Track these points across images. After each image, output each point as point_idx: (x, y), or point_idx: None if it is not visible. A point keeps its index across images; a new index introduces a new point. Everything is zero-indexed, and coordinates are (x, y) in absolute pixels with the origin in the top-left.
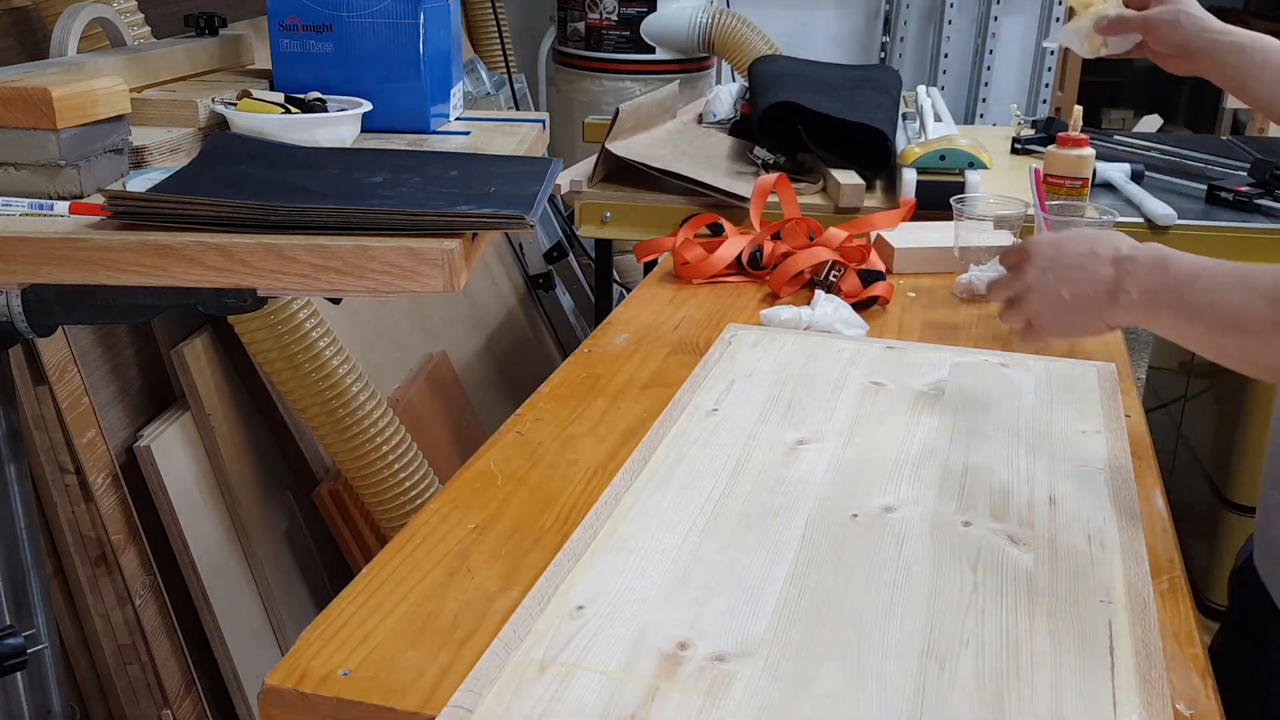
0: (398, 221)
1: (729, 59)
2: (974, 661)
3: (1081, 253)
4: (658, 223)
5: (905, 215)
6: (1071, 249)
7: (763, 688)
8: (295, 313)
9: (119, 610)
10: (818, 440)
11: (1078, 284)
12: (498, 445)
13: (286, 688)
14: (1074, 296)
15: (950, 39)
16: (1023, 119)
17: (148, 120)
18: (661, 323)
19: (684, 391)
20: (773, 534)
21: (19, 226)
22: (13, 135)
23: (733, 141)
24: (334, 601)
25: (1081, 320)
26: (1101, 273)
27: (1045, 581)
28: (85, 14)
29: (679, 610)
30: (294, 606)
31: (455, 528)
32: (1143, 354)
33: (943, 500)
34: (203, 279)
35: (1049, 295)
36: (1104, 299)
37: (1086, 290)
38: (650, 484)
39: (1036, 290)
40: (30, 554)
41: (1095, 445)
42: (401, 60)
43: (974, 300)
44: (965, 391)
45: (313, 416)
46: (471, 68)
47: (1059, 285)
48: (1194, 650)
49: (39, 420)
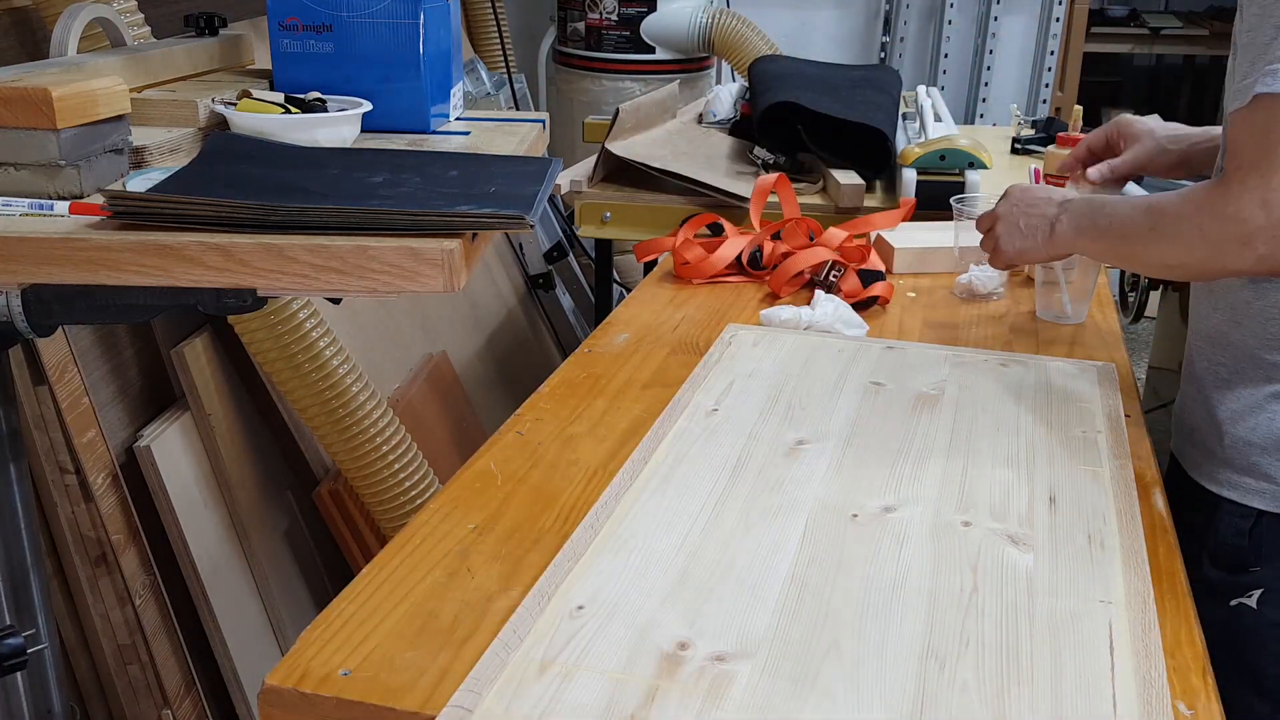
0: (398, 221)
1: (729, 59)
2: (974, 661)
3: (1039, 196)
4: (658, 223)
5: (905, 215)
6: (1033, 193)
7: (763, 688)
8: (295, 313)
9: (119, 610)
10: (818, 440)
11: (1031, 216)
12: (498, 445)
13: (286, 688)
14: (1027, 226)
15: (950, 39)
16: (1023, 119)
17: (148, 120)
18: (661, 323)
19: (684, 391)
20: (773, 534)
21: (19, 226)
22: (13, 135)
23: (733, 141)
24: (334, 601)
25: (1029, 244)
26: (1049, 210)
27: (1045, 581)
28: (85, 14)
29: (679, 610)
30: (294, 606)
31: (455, 528)
32: (1143, 354)
33: (943, 500)
34: (203, 279)
35: (1010, 223)
36: (1046, 228)
37: (1035, 221)
38: (650, 484)
39: (1002, 220)
40: (30, 554)
41: (1095, 445)
42: (401, 60)
43: (974, 300)
44: (965, 391)
45: (313, 416)
46: (471, 68)
47: (1019, 217)
48: (1194, 650)
49: (39, 420)
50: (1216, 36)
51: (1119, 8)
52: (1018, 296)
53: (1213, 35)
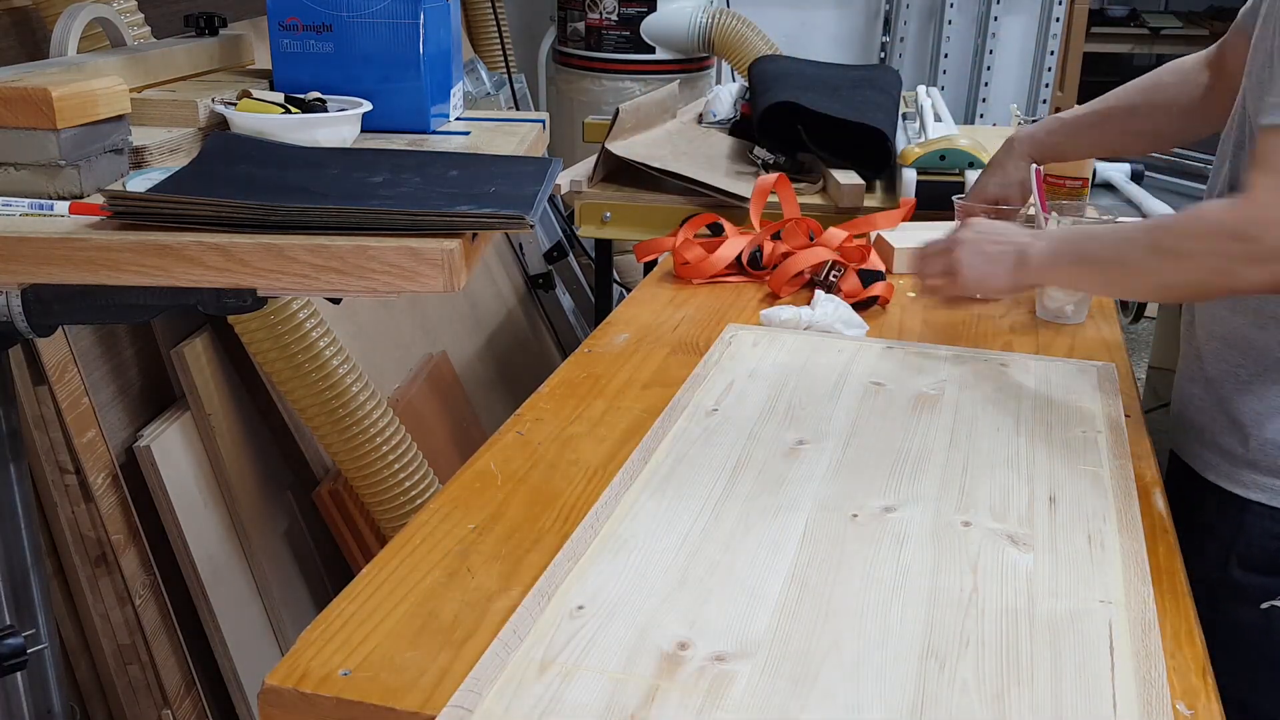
0: (398, 221)
1: (729, 59)
2: (974, 661)
3: (1008, 227)
4: (658, 223)
5: (905, 215)
6: (1001, 225)
7: (763, 688)
8: (295, 313)
9: (119, 610)
10: (818, 440)
11: (1000, 243)
12: (498, 445)
13: (286, 688)
14: (994, 252)
15: (950, 39)
16: (1023, 119)
17: (148, 120)
18: (661, 323)
19: (684, 391)
20: (773, 534)
21: (19, 226)
22: (13, 135)
23: (733, 141)
24: (334, 601)
25: (995, 272)
26: (1019, 238)
27: (1045, 581)
28: (85, 14)
29: (679, 610)
30: (294, 606)
31: (455, 528)
32: (1143, 354)
33: (943, 500)
34: (203, 279)
35: (973, 249)
36: (1016, 256)
37: (1005, 248)
38: (650, 484)
39: (964, 245)
40: (30, 554)
41: (1095, 445)
42: (401, 60)
43: (970, 300)
44: (965, 391)
45: (313, 416)
46: (471, 68)
47: (983, 244)
48: (1194, 650)
49: (39, 420)
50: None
51: (1119, 8)
52: (1018, 297)
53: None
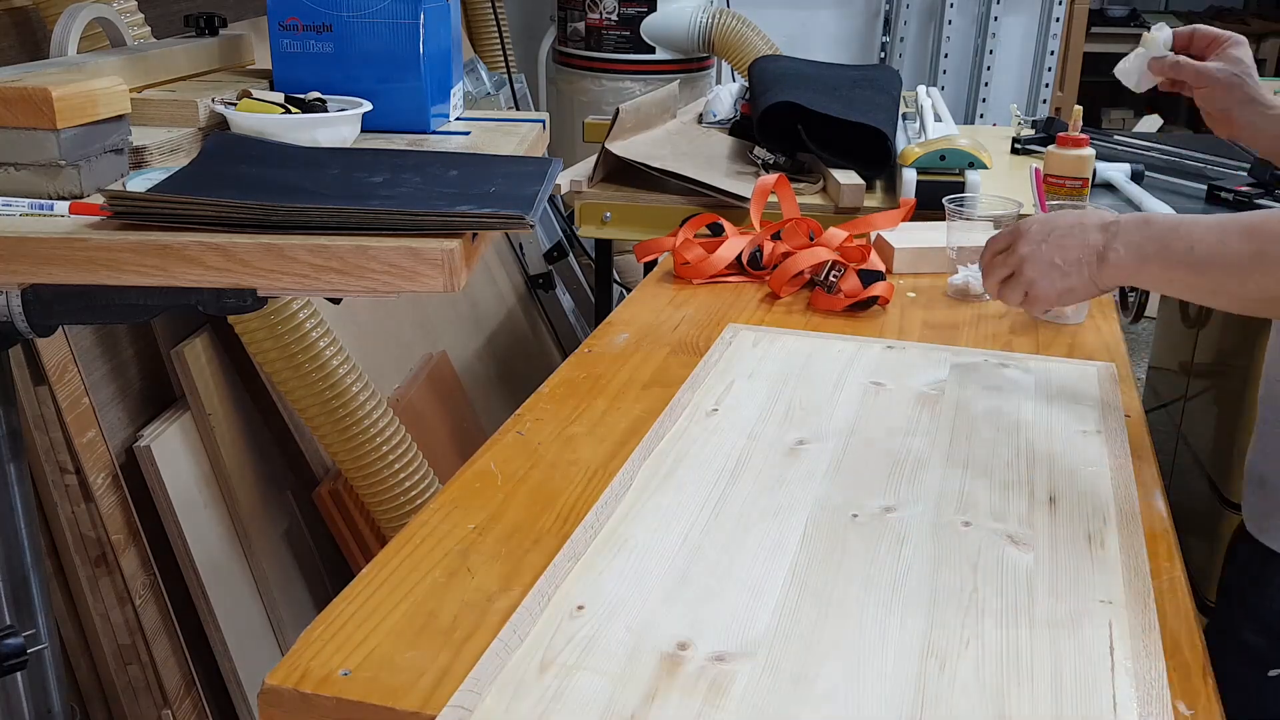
0: (398, 221)
1: (729, 59)
2: (974, 661)
3: (1071, 224)
4: (658, 223)
5: (905, 215)
6: (1061, 221)
7: (763, 688)
8: (295, 313)
9: (119, 610)
10: (818, 440)
11: (1069, 250)
12: (498, 445)
13: (286, 688)
14: (1066, 262)
15: (950, 39)
16: (1023, 119)
17: (148, 120)
18: (661, 323)
19: (684, 391)
20: (773, 534)
21: (19, 226)
22: (13, 135)
23: (733, 141)
24: (334, 601)
25: (1074, 283)
26: (1091, 238)
27: (1045, 581)
28: (85, 14)
29: (679, 610)
30: (294, 606)
31: (455, 528)
32: (1143, 354)
33: (943, 500)
34: (203, 279)
35: (1042, 264)
36: (1094, 260)
37: (1078, 255)
38: (650, 484)
39: (1030, 261)
40: (30, 554)
41: (1095, 445)
42: (401, 60)
43: (967, 300)
44: (965, 391)
45: (313, 416)
46: (471, 68)
47: (1052, 254)
48: (1194, 650)
49: (39, 420)
50: None
51: (1119, 8)
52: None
53: None
